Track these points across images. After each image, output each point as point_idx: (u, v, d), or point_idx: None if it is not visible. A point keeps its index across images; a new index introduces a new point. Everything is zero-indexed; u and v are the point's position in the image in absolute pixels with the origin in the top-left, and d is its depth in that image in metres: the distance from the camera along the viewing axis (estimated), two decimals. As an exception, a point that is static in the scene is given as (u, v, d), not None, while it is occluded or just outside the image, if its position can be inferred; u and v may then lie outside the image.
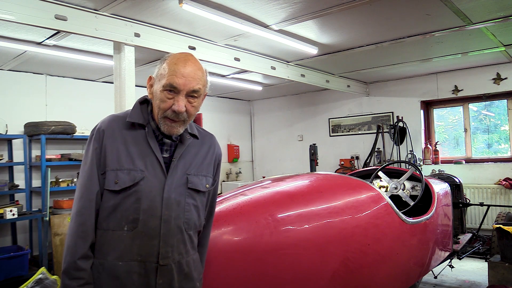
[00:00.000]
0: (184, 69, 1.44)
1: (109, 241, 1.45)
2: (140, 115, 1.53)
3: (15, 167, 5.39)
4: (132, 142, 1.49)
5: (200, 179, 1.58)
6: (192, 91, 1.46)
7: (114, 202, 1.45)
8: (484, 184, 6.01)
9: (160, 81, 1.47)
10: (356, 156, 7.50)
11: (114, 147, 1.47)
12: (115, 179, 1.44)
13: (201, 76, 1.49)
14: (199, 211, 1.59)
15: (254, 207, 2.14)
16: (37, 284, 3.50)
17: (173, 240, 1.48)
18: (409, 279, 3.01)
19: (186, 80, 1.44)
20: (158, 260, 1.45)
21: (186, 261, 1.53)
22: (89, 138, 1.53)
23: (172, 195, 1.48)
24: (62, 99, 5.94)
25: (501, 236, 3.53)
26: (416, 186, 4.04)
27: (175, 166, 1.51)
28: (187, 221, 1.53)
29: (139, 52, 3.92)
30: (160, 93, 1.46)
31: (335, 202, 2.41)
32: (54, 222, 5.04)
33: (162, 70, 1.47)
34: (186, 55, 1.51)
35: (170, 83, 1.43)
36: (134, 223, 1.44)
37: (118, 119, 1.53)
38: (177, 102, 1.44)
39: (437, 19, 4.03)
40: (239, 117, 9.00)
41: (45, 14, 3.17)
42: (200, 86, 1.48)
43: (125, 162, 1.46)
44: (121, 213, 1.45)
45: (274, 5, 3.58)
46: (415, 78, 6.87)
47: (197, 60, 1.52)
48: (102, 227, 1.46)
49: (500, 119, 6.50)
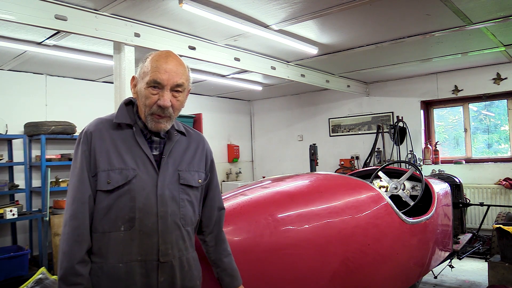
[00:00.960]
0: (166, 65, 1.47)
1: (106, 244, 1.43)
2: (126, 115, 1.54)
3: (15, 167, 5.38)
4: (121, 142, 1.49)
5: (192, 174, 1.59)
6: (176, 85, 1.48)
7: (108, 203, 1.44)
8: (484, 184, 6.01)
9: (143, 79, 1.49)
10: (356, 156, 7.50)
11: (103, 148, 1.47)
12: (107, 179, 1.44)
13: (183, 71, 1.51)
14: (194, 206, 1.60)
15: (254, 207, 2.14)
16: (37, 284, 3.50)
17: (171, 236, 1.48)
18: (409, 279, 3.01)
19: (170, 75, 1.46)
20: (158, 258, 1.45)
21: (186, 258, 1.54)
22: (77, 141, 1.53)
23: (166, 192, 1.49)
24: (62, 99, 5.94)
25: (501, 236, 3.53)
26: (416, 186, 4.04)
27: (165, 163, 1.52)
28: (183, 216, 1.53)
29: (139, 52, 3.92)
30: (144, 90, 1.47)
31: (335, 202, 2.41)
32: (54, 222, 5.04)
33: (145, 68, 1.49)
34: (167, 52, 1.53)
35: (153, 79, 1.45)
36: (131, 222, 1.43)
37: (104, 121, 1.54)
38: (162, 97, 1.46)
39: (437, 19, 4.03)
40: (239, 117, 8.99)
41: (45, 14, 3.17)
42: (183, 80, 1.50)
43: (116, 162, 1.46)
44: (116, 213, 1.44)
45: (274, 5, 3.58)
46: (415, 78, 6.87)
47: (178, 57, 1.54)
48: (97, 230, 1.45)
49: (500, 119, 6.50)
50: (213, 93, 8.03)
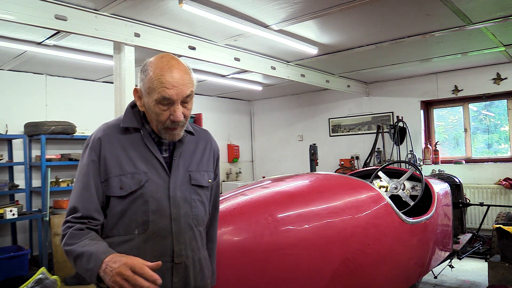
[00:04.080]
0: (172, 78, 1.39)
1: (120, 248, 1.42)
2: (133, 119, 1.51)
3: (15, 167, 5.38)
4: (131, 146, 1.48)
5: (202, 174, 1.58)
6: (185, 97, 1.43)
7: (121, 208, 1.44)
8: (484, 184, 6.01)
9: (150, 94, 1.41)
10: (356, 156, 7.50)
11: (113, 153, 1.46)
12: (120, 185, 1.43)
13: (189, 79, 1.45)
14: (205, 206, 1.61)
15: (254, 207, 2.14)
16: (37, 284, 3.51)
17: (185, 237, 1.49)
18: (409, 279, 3.01)
19: (178, 89, 1.40)
20: (173, 259, 1.45)
21: (199, 258, 1.55)
22: (84, 146, 1.50)
23: (178, 193, 1.49)
24: (62, 99, 5.94)
25: (501, 236, 3.53)
26: (416, 186, 4.04)
27: (176, 165, 1.51)
28: (196, 217, 1.54)
29: (139, 52, 3.92)
30: (154, 107, 1.42)
31: (335, 202, 2.41)
32: (54, 222, 5.04)
33: (149, 83, 1.41)
34: (168, 60, 1.43)
35: (162, 97, 1.38)
36: (145, 226, 1.44)
37: (112, 126, 1.52)
38: (174, 113, 1.41)
39: (437, 19, 4.03)
40: (239, 117, 8.99)
41: (45, 14, 3.17)
42: (191, 89, 1.45)
43: (127, 167, 1.45)
44: (130, 218, 1.44)
45: (274, 5, 3.58)
46: (415, 78, 6.87)
47: (180, 62, 1.46)
48: (112, 234, 1.45)
49: (500, 119, 6.50)
50: (213, 93, 8.03)
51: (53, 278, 3.87)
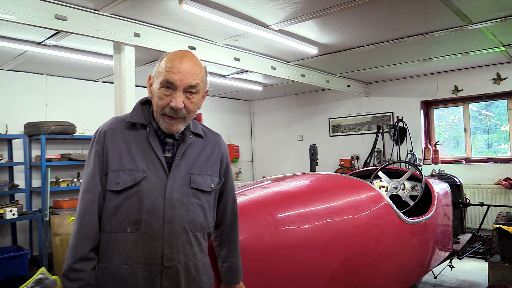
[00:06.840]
0: (181, 65, 1.44)
1: (112, 244, 1.43)
2: (141, 115, 1.52)
3: (15, 167, 5.38)
4: (134, 142, 1.48)
5: (204, 178, 1.55)
6: (189, 87, 1.45)
7: (116, 203, 1.44)
8: (484, 184, 6.01)
9: (157, 78, 1.47)
10: (356, 156, 7.50)
11: (115, 147, 1.46)
12: (117, 180, 1.43)
13: (198, 71, 1.48)
14: (206, 211, 1.55)
15: (254, 207, 2.14)
16: (37, 284, 3.50)
17: (177, 241, 1.45)
18: (409, 279, 3.01)
19: (183, 75, 1.43)
20: (162, 262, 1.42)
21: (194, 264, 1.49)
22: (92, 140, 1.52)
23: (175, 195, 1.46)
24: (62, 99, 5.94)
25: (501, 236, 3.53)
26: (416, 186, 4.04)
27: (177, 166, 1.49)
28: (192, 221, 1.49)
29: (139, 52, 3.92)
30: (158, 91, 1.46)
31: (335, 202, 2.41)
32: (54, 222, 5.04)
33: (160, 68, 1.47)
34: (183, 52, 1.51)
35: (166, 79, 1.43)
36: (137, 224, 1.42)
37: (119, 120, 1.53)
38: (174, 99, 1.43)
39: (437, 19, 4.03)
40: (239, 117, 8.99)
41: (45, 14, 3.17)
42: (197, 81, 1.47)
43: (126, 162, 1.45)
44: (123, 214, 1.43)
45: (274, 5, 3.58)
46: (415, 78, 6.87)
47: (194, 56, 1.51)
48: (105, 230, 1.45)
49: (500, 119, 6.50)
50: (213, 93, 8.03)
51: (53, 278, 3.86)
